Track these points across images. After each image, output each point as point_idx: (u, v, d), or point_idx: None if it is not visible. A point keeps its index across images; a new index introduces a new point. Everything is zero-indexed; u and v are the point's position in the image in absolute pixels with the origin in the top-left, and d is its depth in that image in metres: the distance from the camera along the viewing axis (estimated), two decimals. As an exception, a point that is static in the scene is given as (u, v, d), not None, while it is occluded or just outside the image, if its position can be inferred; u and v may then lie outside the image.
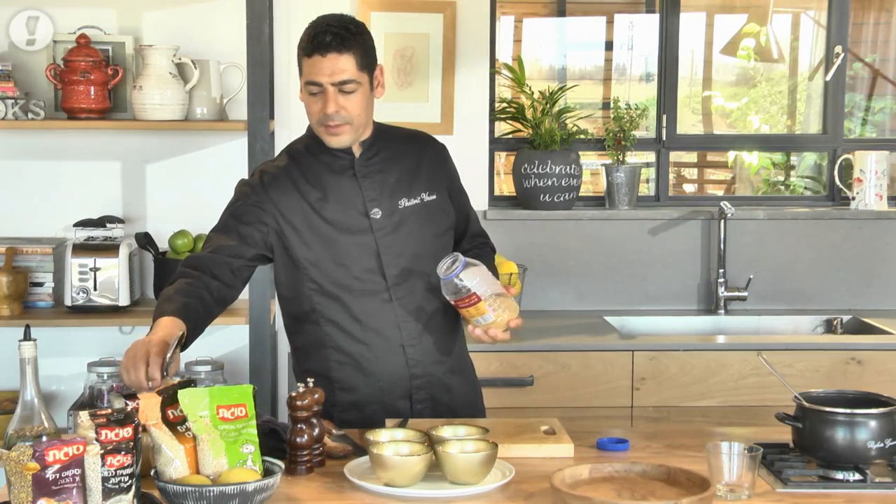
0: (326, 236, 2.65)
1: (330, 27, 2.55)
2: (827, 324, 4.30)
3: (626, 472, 2.23)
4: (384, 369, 2.69)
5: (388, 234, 2.66)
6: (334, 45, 2.53)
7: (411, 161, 2.74)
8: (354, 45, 2.57)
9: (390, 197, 2.69)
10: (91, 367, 3.64)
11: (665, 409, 3.75)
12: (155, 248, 3.80)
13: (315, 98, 2.58)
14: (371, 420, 2.65)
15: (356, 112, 2.60)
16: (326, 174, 2.68)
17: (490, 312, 2.52)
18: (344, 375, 2.71)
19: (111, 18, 3.95)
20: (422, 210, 2.71)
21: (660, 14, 4.53)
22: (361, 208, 2.66)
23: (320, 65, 2.54)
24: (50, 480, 1.86)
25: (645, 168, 4.59)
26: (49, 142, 3.96)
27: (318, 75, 2.55)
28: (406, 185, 2.71)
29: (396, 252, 2.66)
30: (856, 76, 4.99)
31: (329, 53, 2.53)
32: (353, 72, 2.56)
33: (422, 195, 2.72)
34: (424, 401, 2.72)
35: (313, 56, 2.54)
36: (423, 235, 2.70)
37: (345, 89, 2.56)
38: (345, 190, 2.67)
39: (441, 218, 2.75)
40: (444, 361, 2.74)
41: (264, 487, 2.06)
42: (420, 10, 4.22)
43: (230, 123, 3.86)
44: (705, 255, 4.39)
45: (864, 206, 4.42)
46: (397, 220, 2.68)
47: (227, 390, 2.18)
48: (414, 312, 2.68)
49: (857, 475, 2.28)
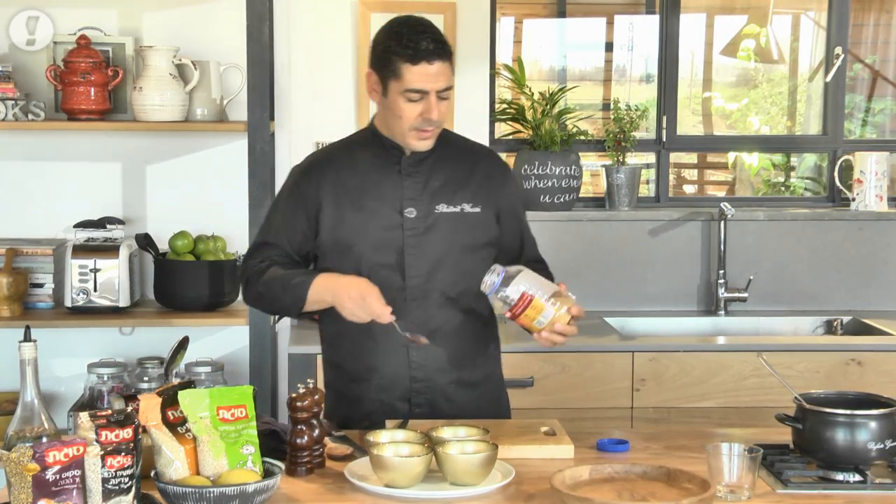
0: (355, 224, 2.67)
1: (427, 34, 2.58)
2: (827, 325, 4.30)
3: (627, 473, 2.23)
4: (385, 366, 2.70)
5: (416, 235, 2.67)
6: (437, 52, 2.57)
7: (462, 170, 2.74)
8: (450, 52, 2.63)
9: (429, 200, 2.69)
10: (91, 368, 3.64)
11: (665, 410, 3.74)
12: (155, 249, 3.81)
13: (414, 104, 2.59)
14: (369, 417, 2.66)
15: (445, 116, 2.67)
16: (373, 168, 2.71)
17: (548, 307, 2.46)
18: (351, 367, 2.73)
19: (111, 19, 3.95)
20: (458, 219, 2.70)
21: (660, 15, 4.53)
22: (397, 205, 2.68)
23: (427, 72, 2.57)
24: (50, 481, 1.86)
25: (645, 169, 4.59)
26: (49, 143, 3.96)
27: (424, 83, 2.57)
28: (449, 191, 2.71)
29: (421, 254, 2.66)
30: (856, 77, 5.00)
31: (435, 61, 2.57)
32: (451, 78, 2.63)
33: (463, 205, 2.70)
34: (422, 405, 2.72)
35: (419, 63, 2.56)
36: (452, 243, 2.69)
37: (443, 96, 2.61)
38: (386, 185, 2.69)
39: (479, 232, 2.73)
40: (450, 372, 2.72)
41: (264, 488, 2.06)
42: (420, 10, 4.19)
43: (230, 124, 3.86)
44: (705, 256, 4.38)
45: (865, 207, 4.42)
46: (430, 223, 2.68)
47: (228, 391, 2.18)
48: (424, 316, 2.67)
49: (858, 476, 2.28)
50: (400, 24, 2.62)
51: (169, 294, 3.79)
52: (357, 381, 2.74)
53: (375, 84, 2.65)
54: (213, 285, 3.77)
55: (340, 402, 2.76)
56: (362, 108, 4.23)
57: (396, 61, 2.57)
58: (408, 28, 2.59)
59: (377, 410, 2.70)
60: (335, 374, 2.82)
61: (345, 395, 2.76)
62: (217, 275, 3.78)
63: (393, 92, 2.60)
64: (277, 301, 2.69)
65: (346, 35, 4.23)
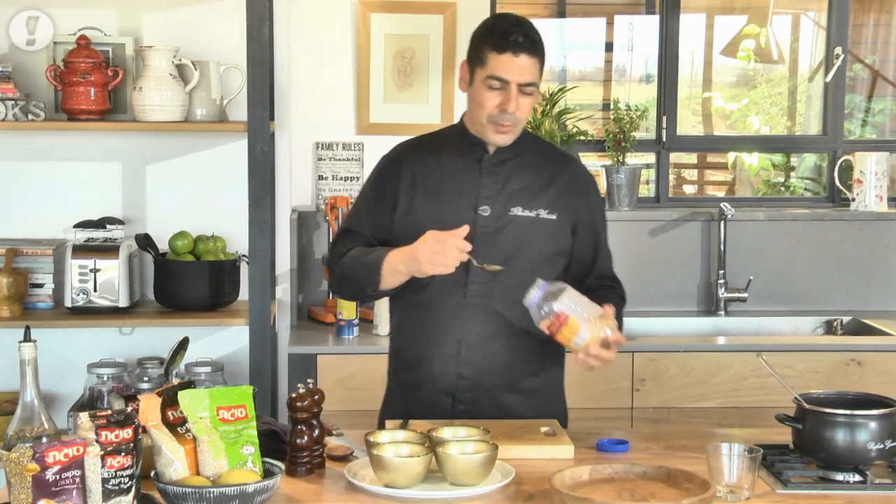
0: (427, 213, 2.67)
1: (521, 28, 2.61)
2: (827, 325, 4.30)
3: (627, 473, 2.23)
4: (435, 358, 2.69)
5: (487, 234, 2.65)
6: (526, 46, 2.58)
7: (544, 176, 2.72)
8: (542, 51, 2.63)
9: (505, 201, 2.68)
10: (91, 368, 3.64)
11: (665, 411, 3.75)
12: (155, 250, 3.80)
13: (494, 93, 2.60)
14: (417, 406, 2.68)
15: (525, 114, 2.65)
16: (454, 162, 2.72)
17: (584, 329, 2.43)
18: (406, 356, 2.76)
19: (111, 19, 3.95)
20: (532, 224, 2.68)
21: (660, 15, 4.53)
22: (473, 202, 2.68)
23: (511, 62, 2.58)
24: (50, 482, 1.86)
25: (645, 169, 4.59)
26: (49, 143, 3.96)
27: (507, 72, 2.58)
28: (527, 195, 2.69)
29: (488, 253, 2.62)
30: (856, 77, 5.00)
31: (521, 53, 2.58)
32: (536, 76, 2.62)
33: (539, 210, 2.69)
34: (466, 403, 2.69)
35: (505, 53, 2.58)
36: (522, 248, 2.67)
37: (526, 91, 2.60)
38: (465, 180, 2.70)
39: (552, 240, 2.70)
40: (501, 376, 2.70)
41: (264, 489, 2.06)
42: (420, 11, 4.22)
43: (230, 125, 3.86)
44: (705, 257, 4.39)
45: (864, 208, 4.42)
46: (503, 224, 2.67)
47: (227, 391, 2.18)
48: (483, 315, 2.65)
49: (858, 476, 2.28)
50: (498, 16, 2.75)
51: (169, 294, 3.79)
52: (411, 370, 2.75)
53: (465, 73, 2.67)
54: (213, 285, 3.77)
55: (397, 391, 2.79)
56: (362, 108, 4.23)
57: (484, 48, 2.61)
58: (503, 20, 2.67)
59: (422, 401, 2.69)
60: (394, 363, 2.83)
61: (400, 384, 2.79)
62: (217, 275, 3.78)
63: (477, 79, 2.62)
64: (357, 280, 2.68)
65: (346, 35, 4.23)
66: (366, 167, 4.25)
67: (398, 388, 2.81)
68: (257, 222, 3.58)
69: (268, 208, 3.62)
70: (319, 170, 4.24)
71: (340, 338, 3.85)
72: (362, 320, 3.92)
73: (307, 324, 4.10)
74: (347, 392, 3.66)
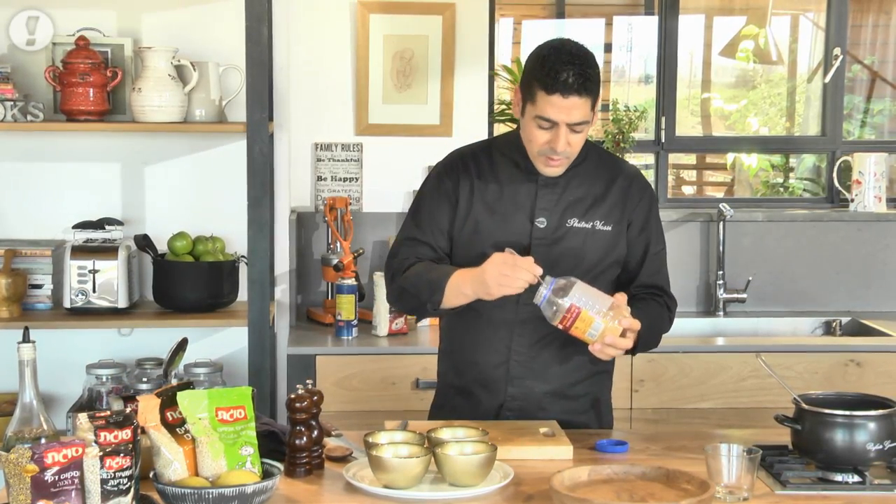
0: (484, 225, 2.65)
1: (573, 65, 2.49)
2: (826, 326, 4.30)
3: (626, 474, 2.23)
4: (485, 365, 2.69)
5: (544, 246, 2.63)
6: (576, 87, 2.48)
7: (599, 186, 2.69)
8: (594, 88, 2.52)
9: (562, 213, 2.65)
10: (90, 369, 3.63)
11: (664, 411, 3.75)
12: (154, 250, 3.80)
13: (543, 131, 2.54)
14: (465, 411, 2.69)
15: (577, 148, 2.58)
16: (511, 173, 2.68)
17: (598, 319, 2.42)
18: (458, 358, 2.73)
19: (110, 20, 3.95)
20: (589, 235, 2.66)
21: (659, 16, 4.53)
22: (529, 213, 2.65)
23: (559, 104, 2.49)
24: (49, 482, 1.86)
25: (644, 170, 4.59)
26: (48, 144, 3.96)
27: (555, 114, 2.50)
28: (584, 207, 2.67)
29: (544, 264, 2.56)
30: (854, 78, 5.00)
31: (571, 96, 2.49)
32: (587, 113, 2.53)
33: (595, 222, 2.66)
34: (514, 410, 2.69)
35: (553, 94, 2.49)
36: (579, 259, 2.65)
37: (576, 129, 2.53)
38: (522, 192, 2.66)
39: (608, 251, 2.68)
40: (548, 383, 2.69)
41: (263, 489, 2.06)
42: (419, 11, 4.22)
43: (229, 125, 3.86)
44: (704, 257, 4.39)
45: (863, 208, 4.42)
46: (559, 235, 2.65)
47: (226, 392, 2.18)
48: (534, 324, 2.62)
49: (856, 477, 2.28)
50: (551, 48, 2.54)
51: (168, 295, 3.79)
52: (460, 375, 2.75)
53: (518, 101, 2.61)
54: (211, 286, 3.77)
55: (447, 394, 2.78)
56: (361, 109, 4.23)
57: (535, 85, 2.52)
58: (555, 54, 2.51)
59: (470, 406, 2.69)
60: (444, 365, 2.81)
61: (450, 387, 2.77)
62: (216, 276, 3.78)
63: (527, 114, 2.56)
64: (417, 297, 2.62)
65: (346, 36, 4.23)
66: (365, 168, 4.25)
67: (448, 392, 2.79)
68: (256, 223, 3.57)
69: (267, 209, 3.62)
70: (318, 170, 4.24)
71: (339, 338, 3.85)
72: (361, 321, 3.92)
73: (306, 324, 4.10)
74: (346, 393, 3.66)
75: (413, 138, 4.26)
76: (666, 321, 2.75)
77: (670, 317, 2.77)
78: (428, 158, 4.20)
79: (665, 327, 2.74)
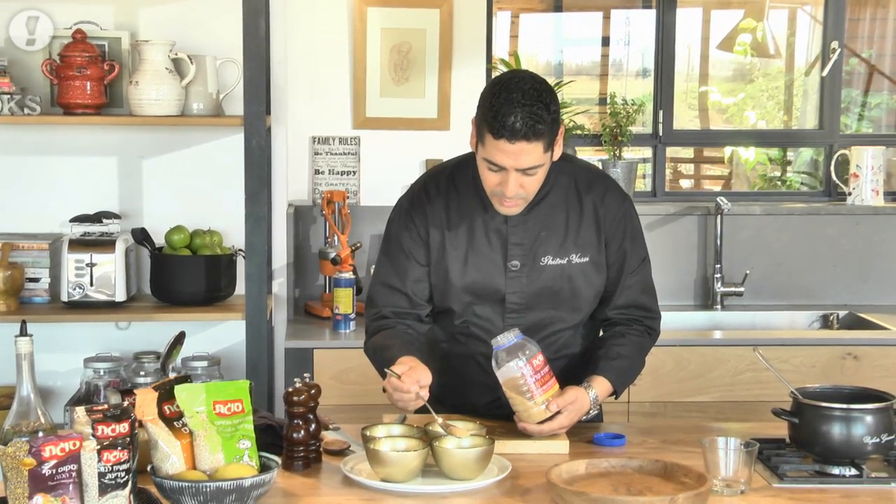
0: (457, 267, 2.55)
1: (523, 106, 2.32)
2: (823, 319, 4.30)
3: (623, 467, 2.23)
4: (471, 394, 2.63)
5: (521, 286, 2.55)
6: (523, 132, 2.32)
7: (572, 215, 2.56)
8: (545, 130, 2.35)
9: (536, 251, 2.54)
10: (87, 362, 3.64)
11: (661, 405, 3.75)
12: (151, 244, 3.80)
13: (493, 173, 2.41)
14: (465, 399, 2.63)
15: (533, 189, 2.45)
16: (480, 216, 2.56)
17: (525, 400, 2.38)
18: (443, 390, 2.57)
19: (107, 14, 3.94)
20: (566, 270, 2.55)
21: (656, 9, 4.52)
22: (502, 252, 2.54)
23: (507, 149, 2.34)
24: (46, 476, 1.86)
25: (641, 164, 4.59)
26: (45, 137, 3.96)
27: (502, 160, 2.36)
28: (557, 242, 2.55)
29: (523, 304, 2.55)
30: (852, 71, 5.00)
31: (518, 141, 2.33)
32: (539, 157, 2.37)
33: (571, 256, 2.55)
34: None
35: (500, 139, 2.33)
36: (556, 297, 2.55)
37: (528, 173, 2.39)
38: (492, 231, 2.55)
39: (588, 282, 2.58)
40: None
41: (261, 483, 2.06)
42: (416, 5, 4.21)
43: (226, 119, 3.86)
44: (702, 251, 4.39)
45: (861, 202, 4.42)
46: (535, 275, 2.54)
47: (224, 386, 2.18)
48: None
49: (854, 470, 2.28)
50: (501, 87, 2.37)
51: (165, 289, 3.78)
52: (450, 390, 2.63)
53: (473, 136, 2.47)
54: (209, 280, 3.77)
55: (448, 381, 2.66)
56: (358, 102, 4.23)
57: (483, 127, 2.38)
58: (505, 94, 2.34)
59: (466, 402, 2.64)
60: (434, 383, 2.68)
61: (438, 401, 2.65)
62: (213, 269, 3.78)
63: (479, 154, 2.43)
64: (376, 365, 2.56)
65: (343, 30, 4.22)
66: (362, 161, 4.25)
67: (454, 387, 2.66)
68: (254, 217, 3.57)
69: (264, 203, 3.61)
70: (316, 164, 4.24)
71: (337, 332, 3.85)
72: (359, 315, 3.92)
73: (304, 318, 4.10)
74: (344, 386, 3.66)
75: (411, 132, 4.25)
76: (646, 351, 2.69)
77: (651, 342, 2.70)
78: (425, 152, 4.20)
79: (643, 361, 2.68)
